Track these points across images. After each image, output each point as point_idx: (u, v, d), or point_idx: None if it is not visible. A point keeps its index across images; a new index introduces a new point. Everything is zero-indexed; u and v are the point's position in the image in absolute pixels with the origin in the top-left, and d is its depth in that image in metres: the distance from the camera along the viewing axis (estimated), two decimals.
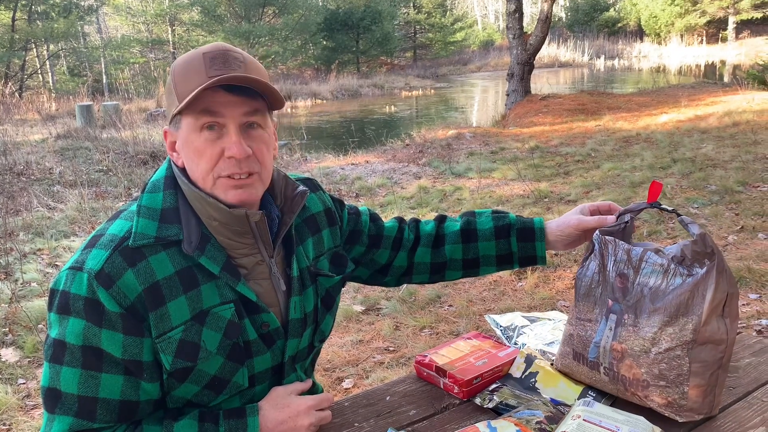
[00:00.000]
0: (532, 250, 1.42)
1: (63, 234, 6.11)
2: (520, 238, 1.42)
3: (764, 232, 4.90)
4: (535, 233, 1.41)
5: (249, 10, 26.28)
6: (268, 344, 1.18)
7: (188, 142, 1.11)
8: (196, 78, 1.07)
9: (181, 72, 1.10)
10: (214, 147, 1.09)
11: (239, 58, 1.10)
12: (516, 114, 13.01)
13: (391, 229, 1.47)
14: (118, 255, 1.06)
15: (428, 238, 1.47)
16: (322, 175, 8.42)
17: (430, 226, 1.48)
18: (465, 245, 1.45)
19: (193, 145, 1.10)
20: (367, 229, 1.44)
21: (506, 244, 1.43)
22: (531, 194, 6.63)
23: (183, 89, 1.08)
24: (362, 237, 1.42)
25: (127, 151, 10.13)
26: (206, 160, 1.10)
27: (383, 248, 1.45)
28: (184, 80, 1.09)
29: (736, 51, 28.21)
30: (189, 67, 1.09)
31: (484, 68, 32.31)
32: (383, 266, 1.46)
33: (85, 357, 1.04)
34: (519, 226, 1.43)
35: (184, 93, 1.07)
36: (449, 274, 1.49)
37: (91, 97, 19.57)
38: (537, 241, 1.41)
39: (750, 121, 9.60)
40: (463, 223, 1.46)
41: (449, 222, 1.49)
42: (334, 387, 3.17)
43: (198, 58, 1.09)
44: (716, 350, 1.17)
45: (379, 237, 1.45)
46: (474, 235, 1.44)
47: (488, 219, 1.45)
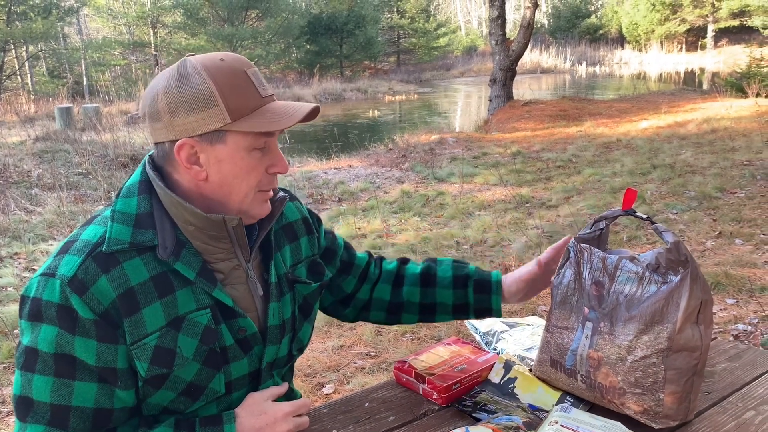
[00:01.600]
0: (487, 302, 1.43)
1: (41, 238, 6.04)
2: (477, 290, 1.43)
3: (741, 238, 4.97)
4: (491, 286, 1.42)
5: (232, 13, 26.18)
6: (245, 350, 1.18)
7: (234, 160, 1.09)
8: (250, 97, 1.07)
9: (230, 86, 1.06)
10: (261, 165, 1.12)
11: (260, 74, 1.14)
12: (498, 119, 13.08)
13: (361, 260, 1.48)
14: (92, 261, 1.04)
15: (389, 275, 1.48)
16: (304, 179, 8.40)
17: (393, 265, 1.50)
18: (423, 289, 1.46)
19: (243, 163, 1.09)
20: (340, 252, 1.44)
21: (463, 295, 1.44)
22: (512, 199, 6.66)
23: (237, 104, 1.06)
24: (335, 259, 1.42)
25: (107, 154, 10.04)
26: (254, 176, 1.11)
27: (352, 276, 1.45)
28: (236, 96, 1.06)
29: (715, 59, 28.62)
30: (237, 82, 1.07)
31: (467, 73, 32.45)
32: (347, 296, 1.47)
33: (58, 365, 1.03)
34: (477, 278, 1.44)
35: (240, 110, 1.06)
36: (405, 317, 1.50)
37: (71, 99, 19.37)
38: (493, 294, 1.42)
39: (728, 127, 9.75)
40: (424, 268, 1.47)
41: (411, 264, 1.50)
42: (314, 392, 3.15)
43: (239, 74, 1.08)
44: (691, 357, 1.18)
45: (350, 264, 1.45)
46: (433, 281, 1.45)
47: (448, 267, 1.46)
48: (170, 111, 1.06)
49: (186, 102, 1.05)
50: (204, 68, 1.06)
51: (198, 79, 1.05)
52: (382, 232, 5.90)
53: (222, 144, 1.08)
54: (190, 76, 1.06)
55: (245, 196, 1.13)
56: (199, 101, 1.05)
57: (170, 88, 1.06)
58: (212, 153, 1.08)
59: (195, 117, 1.05)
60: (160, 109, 1.07)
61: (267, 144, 1.12)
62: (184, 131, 1.07)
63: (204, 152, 1.08)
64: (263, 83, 1.11)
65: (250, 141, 1.09)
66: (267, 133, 1.10)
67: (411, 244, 5.38)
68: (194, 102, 1.05)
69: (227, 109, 1.05)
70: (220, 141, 1.07)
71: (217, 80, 1.05)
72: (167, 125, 1.07)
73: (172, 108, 1.06)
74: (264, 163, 1.12)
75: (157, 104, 1.07)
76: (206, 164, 1.09)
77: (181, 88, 1.06)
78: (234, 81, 1.06)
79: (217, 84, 1.05)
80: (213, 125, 1.05)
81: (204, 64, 1.07)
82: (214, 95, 1.05)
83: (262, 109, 1.08)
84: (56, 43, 26.12)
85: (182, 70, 1.07)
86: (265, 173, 1.13)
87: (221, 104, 1.05)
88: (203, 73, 1.05)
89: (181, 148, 1.08)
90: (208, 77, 1.05)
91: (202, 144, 1.07)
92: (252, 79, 1.09)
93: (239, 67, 1.08)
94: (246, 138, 1.08)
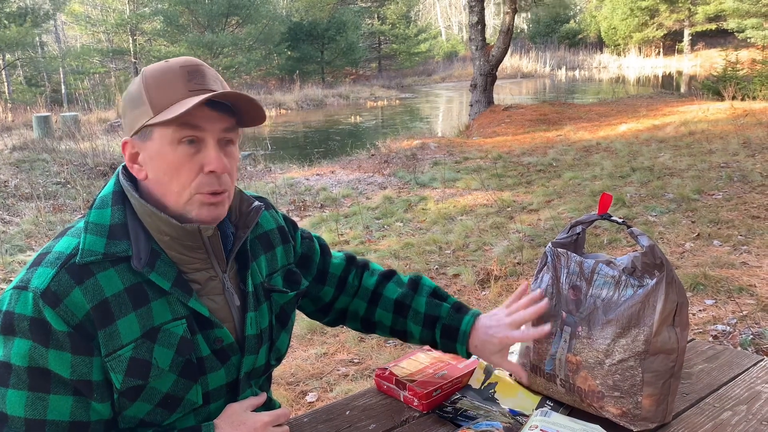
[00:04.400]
0: (453, 349, 1.39)
1: (18, 248, 5.95)
2: (444, 335, 1.39)
3: (719, 239, 5.03)
4: (458, 336, 1.37)
5: (212, 19, 26.07)
6: (222, 360, 1.17)
7: (161, 155, 1.08)
8: (176, 90, 1.06)
9: (156, 82, 1.07)
10: (192, 162, 1.08)
11: (214, 74, 1.12)
12: (479, 124, 13.16)
13: (337, 267, 1.45)
14: (65, 272, 1.03)
15: (366, 293, 1.46)
16: (286, 186, 8.38)
17: (372, 281, 1.46)
18: (395, 316, 1.43)
19: (168, 159, 1.08)
20: (317, 258, 1.42)
21: (430, 335, 1.41)
22: (494, 204, 6.69)
23: (160, 100, 1.06)
24: (312, 266, 1.41)
25: (86, 162, 9.93)
26: (184, 174, 1.08)
27: (328, 285, 1.43)
28: (160, 91, 1.07)
29: (692, 62, 29.02)
30: (165, 77, 1.07)
31: (448, 79, 32.61)
32: (326, 305, 1.45)
33: (32, 378, 1.01)
34: (446, 322, 1.39)
35: (162, 104, 1.06)
36: (379, 332, 1.49)
37: (49, 108, 19.15)
38: (458, 343, 1.37)
39: (705, 130, 9.89)
40: (400, 295, 1.43)
41: (391, 285, 1.45)
42: (297, 401, 3.14)
43: (174, 70, 1.08)
44: (668, 359, 1.19)
45: (324, 273, 1.43)
46: (406, 311, 1.42)
47: (423, 303, 1.42)
48: (123, 114, 1.13)
49: (128, 103, 1.11)
50: (144, 70, 1.11)
51: (137, 81, 1.10)
52: (365, 238, 5.90)
53: (150, 140, 1.09)
54: (135, 79, 1.12)
55: (179, 196, 1.10)
56: (133, 100, 1.10)
57: (124, 94, 1.14)
58: (145, 150, 1.10)
59: (132, 116, 1.10)
60: (120, 114, 1.12)
61: (198, 139, 1.09)
62: (127, 131, 1.12)
63: (141, 150, 1.11)
64: (203, 80, 1.09)
65: (171, 134, 1.07)
66: (191, 125, 1.07)
67: (394, 250, 5.38)
68: (131, 102, 1.10)
69: (150, 105, 1.07)
70: (149, 137, 1.09)
71: (146, 79, 1.09)
72: (124, 128, 1.14)
73: (123, 111, 1.13)
74: (197, 161, 1.09)
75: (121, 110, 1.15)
76: (144, 162, 1.11)
77: (128, 91, 1.12)
78: (161, 78, 1.08)
79: (146, 83, 1.08)
80: (141, 121, 1.08)
81: (147, 67, 1.11)
82: (142, 92, 1.08)
83: (184, 101, 1.06)
84: (33, 51, 25.85)
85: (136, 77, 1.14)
86: (202, 173, 1.09)
87: (146, 101, 1.07)
88: (141, 75, 1.10)
89: (124, 147, 1.13)
90: (141, 78, 1.10)
91: (137, 142, 1.11)
92: (184, 75, 1.08)
93: (175, 65, 1.09)
94: (168, 131, 1.07)
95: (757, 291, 3.98)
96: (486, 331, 1.33)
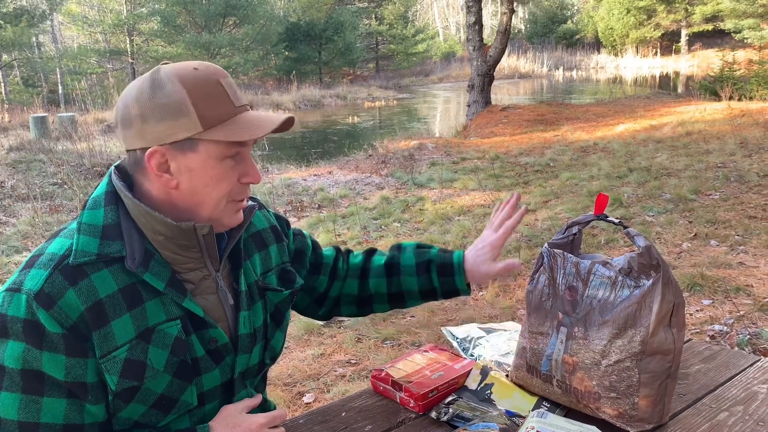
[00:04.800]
0: (452, 284, 1.43)
1: (14, 249, 5.94)
2: (440, 273, 1.44)
3: (716, 239, 5.04)
4: (453, 268, 1.43)
5: (209, 20, 26.05)
6: (216, 361, 1.16)
7: (206, 168, 1.08)
8: (224, 106, 1.07)
9: (202, 95, 1.06)
10: (233, 173, 1.11)
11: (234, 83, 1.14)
12: (477, 124, 13.16)
13: (329, 257, 1.48)
14: (59, 274, 1.02)
15: (356, 270, 1.49)
16: (284, 187, 8.37)
17: (359, 259, 1.51)
18: (389, 279, 1.46)
19: (214, 171, 1.09)
20: (309, 252, 1.44)
21: (428, 280, 1.45)
22: (491, 204, 6.69)
23: (210, 114, 1.06)
24: (305, 260, 1.43)
25: (83, 163, 9.92)
26: (225, 186, 1.11)
27: (322, 275, 1.46)
28: (210, 105, 1.06)
29: (689, 62, 29.08)
30: (211, 91, 1.07)
31: (445, 79, 32.62)
32: (321, 295, 1.47)
33: (26, 381, 1.00)
34: (438, 261, 1.45)
35: (213, 118, 1.06)
36: (377, 307, 1.50)
37: (46, 109, 19.11)
38: (456, 275, 1.42)
39: (702, 130, 9.90)
40: (388, 258, 1.49)
41: (376, 256, 1.51)
42: (294, 402, 3.13)
43: (214, 83, 1.08)
44: (664, 360, 1.19)
45: (318, 264, 1.46)
46: (397, 270, 1.46)
47: (411, 255, 1.47)
48: (142, 118, 1.05)
49: (158, 110, 1.05)
50: (177, 77, 1.05)
51: (171, 88, 1.05)
52: (362, 238, 5.90)
53: (193, 152, 1.07)
54: (163, 84, 1.05)
55: (216, 206, 1.12)
56: (171, 109, 1.04)
57: (143, 95, 1.06)
58: (183, 161, 1.07)
59: (166, 125, 1.05)
60: (132, 116, 1.06)
61: (239, 153, 1.12)
62: (155, 139, 1.06)
63: (175, 160, 1.07)
64: (237, 93, 1.11)
65: (221, 150, 1.08)
66: (239, 142, 1.09)
67: None
68: (166, 110, 1.04)
69: (199, 118, 1.05)
70: (191, 149, 1.07)
71: (189, 89, 1.05)
72: (139, 133, 1.06)
73: (144, 115, 1.05)
74: (236, 173, 1.12)
75: (130, 111, 1.07)
76: (177, 173, 1.08)
77: (154, 96, 1.05)
78: (207, 90, 1.06)
79: (190, 93, 1.05)
80: (184, 134, 1.05)
81: (178, 73, 1.06)
82: (186, 104, 1.04)
83: (235, 119, 1.08)
84: (30, 52, 25.80)
85: (155, 78, 1.06)
86: (237, 183, 1.13)
87: (193, 113, 1.04)
88: (176, 82, 1.05)
89: (152, 155, 1.07)
90: (181, 86, 1.05)
91: (173, 152, 1.07)
92: (226, 88, 1.09)
93: (213, 77, 1.08)
94: (218, 147, 1.08)
95: (753, 291, 3.98)
96: (475, 250, 1.43)
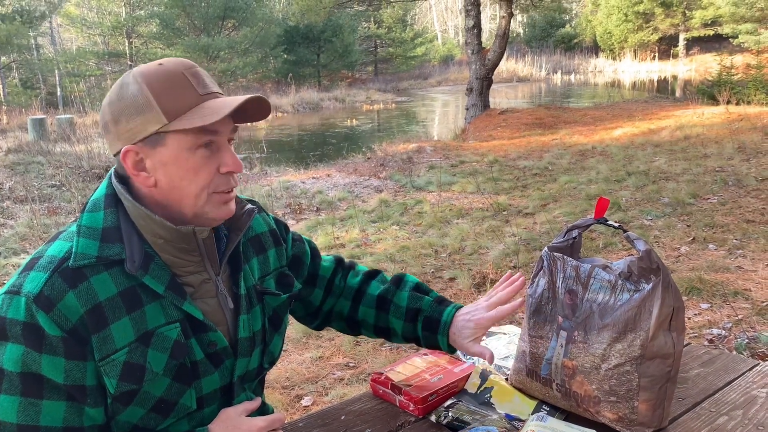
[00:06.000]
0: (434, 341, 1.40)
1: (12, 251, 5.93)
2: (425, 327, 1.40)
3: (714, 243, 5.04)
4: (439, 327, 1.39)
5: (208, 23, 26.05)
6: (215, 364, 1.16)
7: (178, 161, 1.08)
8: (188, 95, 1.06)
9: (164, 87, 1.06)
10: (210, 164, 1.10)
11: (206, 73, 1.12)
12: (475, 128, 13.18)
13: (327, 270, 1.47)
14: (58, 276, 1.02)
15: (350, 291, 1.47)
16: (282, 189, 8.37)
17: (357, 280, 1.48)
18: (377, 312, 1.45)
19: (188, 163, 1.08)
20: (308, 261, 1.43)
21: (413, 328, 1.42)
22: (490, 207, 6.70)
23: (173, 106, 1.06)
24: (303, 269, 1.42)
25: (82, 165, 9.91)
26: (203, 177, 1.09)
27: (318, 288, 1.45)
28: (172, 96, 1.06)
29: (687, 67, 29.13)
30: (172, 82, 1.07)
31: (444, 82, 32.65)
32: (316, 308, 1.46)
33: (25, 384, 1.00)
34: (428, 314, 1.40)
35: (176, 109, 1.05)
36: (364, 332, 1.49)
37: (45, 110, 19.10)
38: (439, 335, 1.39)
39: (700, 134, 9.92)
40: (382, 291, 1.45)
41: (375, 282, 1.48)
42: (292, 405, 3.13)
43: (178, 74, 1.08)
44: (664, 364, 1.19)
45: (314, 276, 1.44)
46: (388, 306, 1.44)
47: (405, 296, 1.43)
48: (115, 121, 1.08)
49: (126, 110, 1.07)
50: (141, 75, 1.08)
51: (134, 87, 1.07)
52: (361, 241, 5.89)
53: (163, 146, 1.08)
54: (128, 84, 1.08)
55: (197, 198, 1.10)
56: (137, 107, 1.06)
57: (112, 98, 1.09)
58: (156, 157, 1.08)
59: (134, 123, 1.07)
60: (107, 121, 1.10)
61: (214, 142, 1.10)
62: (128, 138, 1.08)
63: (148, 157, 1.08)
64: (205, 82, 1.10)
65: (191, 140, 1.08)
66: (210, 130, 1.08)
67: (389, 253, 5.38)
68: (132, 108, 1.07)
69: (162, 111, 1.06)
70: (161, 144, 1.08)
71: (151, 84, 1.06)
72: (115, 135, 1.09)
73: (116, 118, 1.08)
74: (213, 163, 1.10)
75: (105, 117, 1.10)
76: (152, 169, 1.09)
77: (121, 97, 1.08)
78: (169, 82, 1.07)
79: (152, 87, 1.06)
80: (151, 128, 1.06)
81: (142, 71, 1.08)
82: (149, 99, 1.06)
83: (200, 106, 1.07)
84: (29, 54, 25.78)
85: (123, 80, 1.10)
86: (217, 174, 1.11)
87: (156, 106, 1.06)
88: (140, 80, 1.07)
89: (126, 155, 1.08)
90: (143, 82, 1.07)
91: (145, 149, 1.08)
92: (190, 78, 1.08)
93: (176, 69, 1.09)
94: (186, 137, 1.07)
95: (752, 295, 3.98)
96: (464, 317, 1.36)
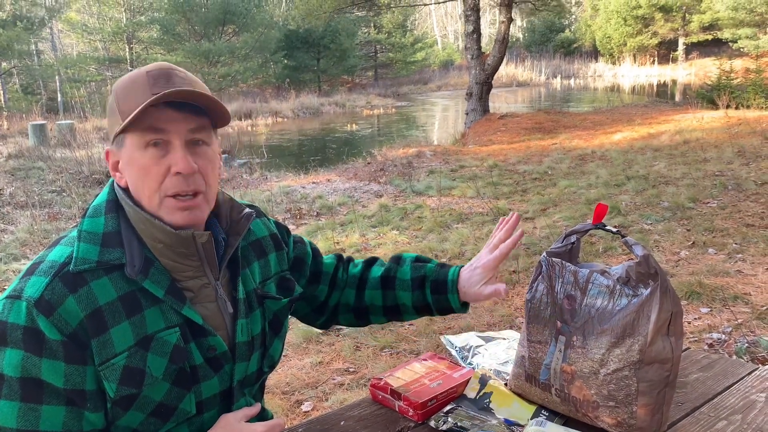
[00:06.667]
0: (446, 301, 1.41)
1: (13, 257, 5.93)
2: (434, 290, 1.42)
3: (714, 248, 5.04)
4: (447, 286, 1.40)
5: (208, 28, 26.10)
6: (215, 369, 1.16)
7: (132, 160, 1.10)
8: (140, 96, 1.07)
9: (124, 91, 1.09)
10: (160, 164, 1.08)
11: (182, 76, 1.11)
12: (475, 132, 13.19)
13: (329, 266, 1.47)
14: (59, 281, 1.03)
15: (353, 280, 1.48)
16: (282, 194, 8.37)
17: (358, 269, 1.49)
18: (384, 292, 1.45)
19: (138, 163, 1.09)
20: (309, 260, 1.43)
21: (422, 296, 1.43)
22: (490, 212, 6.70)
23: (126, 107, 1.07)
24: (305, 268, 1.42)
25: (82, 170, 9.92)
26: (153, 177, 1.09)
27: (322, 284, 1.45)
28: (127, 99, 1.08)
29: (686, 71, 29.18)
30: (132, 85, 1.09)
31: (444, 87, 32.70)
32: (321, 304, 1.46)
33: (24, 389, 1.00)
34: (433, 278, 1.42)
35: (128, 111, 1.06)
36: (373, 318, 1.50)
37: (45, 116, 19.13)
38: (449, 293, 1.40)
39: (699, 139, 9.93)
40: (385, 270, 1.47)
41: (375, 267, 1.50)
42: (292, 410, 3.12)
43: (141, 77, 1.09)
44: (663, 369, 1.19)
45: (318, 273, 1.45)
46: (393, 283, 1.45)
47: (408, 269, 1.45)
48: (108, 129, 1.16)
49: (108, 114, 1.14)
50: (117, 81, 1.13)
51: (113, 92, 1.13)
52: (361, 246, 5.89)
53: (124, 147, 1.11)
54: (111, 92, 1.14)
55: (150, 200, 1.10)
56: (110, 110, 1.12)
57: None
58: (121, 157, 1.12)
59: (110, 126, 1.13)
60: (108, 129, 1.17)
61: (164, 141, 1.09)
62: (109, 141, 1.14)
63: (119, 158, 1.13)
64: (172, 81, 1.08)
65: (139, 139, 1.09)
66: (156, 128, 1.07)
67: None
68: (109, 112, 1.14)
69: (120, 113, 1.09)
70: (123, 144, 1.11)
71: (117, 87, 1.12)
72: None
73: (108, 126, 1.16)
74: (164, 164, 1.09)
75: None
76: (122, 169, 1.13)
77: (109, 102, 1.14)
78: (129, 85, 1.10)
79: (116, 92, 1.11)
80: (115, 130, 1.09)
81: (121, 78, 1.14)
82: (114, 102, 1.11)
83: (147, 104, 1.05)
84: (30, 59, 25.82)
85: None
86: (170, 175, 1.09)
87: (116, 109, 1.10)
88: (115, 84, 1.13)
89: (107, 156, 1.16)
90: (114, 87, 1.12)
91: (114, 150, 1.14)
92: (149, 79, 1.08)
93: (143, 71, 1.11)
94: (135, 136, 1.09)
95: (751, 299, 3.98)
96: (469, 268, 1.39)
